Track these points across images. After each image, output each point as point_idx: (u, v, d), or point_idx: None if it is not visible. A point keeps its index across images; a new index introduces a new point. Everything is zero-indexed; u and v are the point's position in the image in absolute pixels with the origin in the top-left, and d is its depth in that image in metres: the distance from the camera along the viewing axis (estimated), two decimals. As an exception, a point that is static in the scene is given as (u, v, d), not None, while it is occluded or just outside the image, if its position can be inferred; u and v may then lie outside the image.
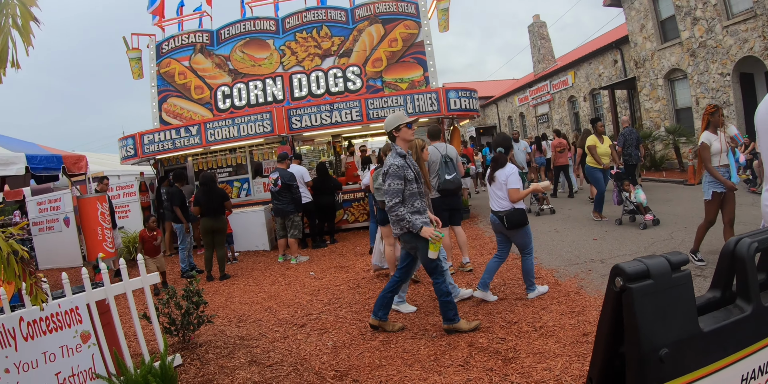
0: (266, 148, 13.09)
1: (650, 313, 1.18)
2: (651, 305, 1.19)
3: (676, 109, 17.99)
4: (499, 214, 5.70)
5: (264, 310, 6.69)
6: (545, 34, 30.62)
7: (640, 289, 1.18)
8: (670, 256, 1.25)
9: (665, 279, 1.21)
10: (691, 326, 1.24)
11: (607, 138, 10.45)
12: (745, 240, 1.34)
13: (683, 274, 1.24)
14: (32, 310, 3.90)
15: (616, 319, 1.24)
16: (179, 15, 15.44)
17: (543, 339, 4.55)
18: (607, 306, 1.27)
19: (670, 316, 1.21)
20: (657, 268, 1.21)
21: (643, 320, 1.17)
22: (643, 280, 1.19)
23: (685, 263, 1.25)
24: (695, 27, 15.80)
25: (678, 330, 1.22)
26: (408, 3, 14.24)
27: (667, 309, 1.21)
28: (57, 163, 8.63)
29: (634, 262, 1.22)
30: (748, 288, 1.34)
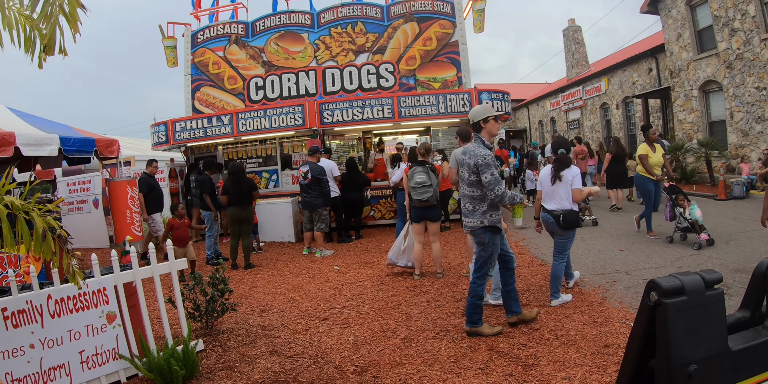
0: (296, 141, 13.15)
1: (682, 329, 1.19)
2: (683, 321, 1.20)
3: (709, 122, 17.67)
4: (555, 213, 5.73)
5: (287, 301, 6.74)
6: (580, 38, 30.34)
7: (674, 305, 1.19)
8: (705, 274, 1.27)
9: (699, 296, 1.23)
10: (720, 344, 1.25)
11: (660, 147, 9.85)
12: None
13: (716, 293, 1.26)
14: (61, 289, 3.98)
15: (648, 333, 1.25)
16: (215, 5, 15.56)
17: (564, 347, 4.53)
18: (640, 319, 1.28)
19: (701, 333, 1.22)
20: (692, 285, 1.23)
21: (675, 335, 1.18)
22: (678, 296, 1.21)
23: (719, 282, 1.26)
24: (732, 38, 15.52)
25: (708, 347, 1.23)
26: (444, 2, 14.21)
27: (698, 326, 1.22)
28: (90, 146, 8.76)
29: (669, 278, 1.24)
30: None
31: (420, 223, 7.36)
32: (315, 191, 9.80)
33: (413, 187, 7.09)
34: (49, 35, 2.87)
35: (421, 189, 7.02)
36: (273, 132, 12.40)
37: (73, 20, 2.93)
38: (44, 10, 2.84)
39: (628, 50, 26.14)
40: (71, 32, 2.99)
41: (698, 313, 1.22)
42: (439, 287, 6.82)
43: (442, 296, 6.41)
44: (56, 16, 2.86)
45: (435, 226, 7.41)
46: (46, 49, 2.90)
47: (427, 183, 7.01)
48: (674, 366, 1.17)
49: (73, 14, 2.91)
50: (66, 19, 2.91)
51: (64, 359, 3.93)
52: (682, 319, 1.19)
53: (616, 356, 4.21)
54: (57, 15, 2.86)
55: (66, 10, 2.88)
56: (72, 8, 2.90)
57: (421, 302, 6.20)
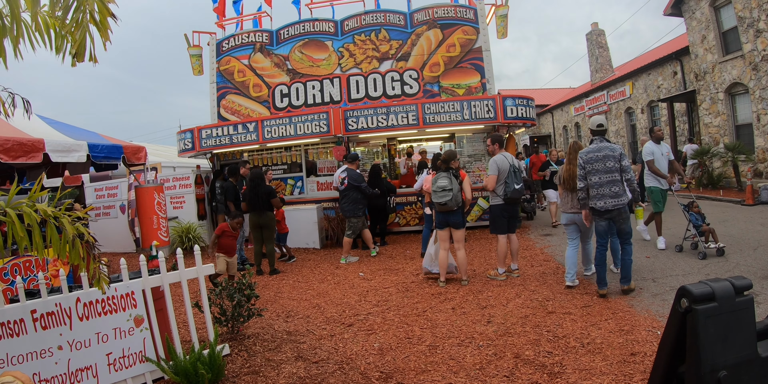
0: (321, 148, 13.23)
1: (712, 335, 1.20)
2: (714, 327, 1.20)
3: (736, 125, 17.37)
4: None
5: (312, 307, 6.77)
6: (603, 42, 30.14)
7: (704, 311, 1.19)
8: (735, 281, 1.27)
9: (729, 302, 1.23)
10: (750, 350, 1.25)
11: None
12: None
13: (746, 299, 1.26)
14: (89, 292, 4.05)
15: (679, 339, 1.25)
16: (239, 14, 15.74)
17: (590, 356, 4.49)
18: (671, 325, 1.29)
19: (731, 339, 1.23)
20: (722, 291, 1.23)
21: (705, 341, 1.19)
22: (708, 302, 1.21)
23: (749, 288, 1.27)
24: (758, 40, 15.26)
25: (738, 353, 1.23)
26: (467, 8, 14.21)
27: (728, 332, 1.22)
28: (118, 153, 8.88)
29: (700, 285, 1.24)
30: None
31: (444, 230, 7.41)
32: (350, 198, 9.93)
33: (435, 191, 7.24)
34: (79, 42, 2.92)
35: (441, 192, 7.13)
36: (298, 139, 12.48)
37: (104, 28, 2.98)
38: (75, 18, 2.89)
39: (653, 53, 25.90)
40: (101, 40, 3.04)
41: (728, 319, 1.22)
42: (464, 294, 6.80)
43: (467, 303, 6.39)
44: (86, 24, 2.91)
45: (459, 234, 7.43)
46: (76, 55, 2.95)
47: (447, 187, 7.12)
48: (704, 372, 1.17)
49: (103, 22, 2.96)
50: (96, 28, 2.96)
51: (91, 361, 3.99)
52: (713, 325, 1.19)
53: (643, 365, 4.17)
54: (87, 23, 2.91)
55: (96, 19, 2.93)
56: (102, 17, 2.95)
57: (446, 309, 6.19)
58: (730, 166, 16.31)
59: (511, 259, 7.77)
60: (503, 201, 7.33)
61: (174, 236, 11.80)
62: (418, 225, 12.31)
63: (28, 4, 2.84)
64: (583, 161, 6.36)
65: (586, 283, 6.89)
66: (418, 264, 8.76)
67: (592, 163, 6.31)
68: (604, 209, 6.25)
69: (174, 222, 12.40)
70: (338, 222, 11.85)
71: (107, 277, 3.65)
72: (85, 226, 3.46)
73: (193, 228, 12.32)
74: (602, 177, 6.24)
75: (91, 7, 2.90)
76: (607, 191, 6.19)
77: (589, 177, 6.31)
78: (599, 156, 6.28)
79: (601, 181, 6.25)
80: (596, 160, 6.28)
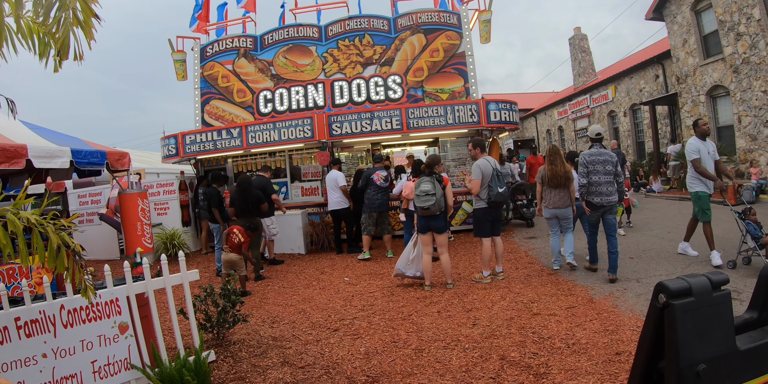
0: (305, 153, 13.23)
1: (690, 330, 1.22)
2: (691, 322, 1.22)
3: (717, 127, 17.65)
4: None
5: (298, 312, 6.76)
6: (586, 47, 30.39)
7: (681, 306, 1.22)
8: (712, 276, 1.30)
9: (706, 297, 1.25)
10: (728, 344, 1.28)
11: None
12: None
13: (723, 294, 1.29)
14: (73, 299, 4.02)
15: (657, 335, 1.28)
16: (224, 19, 15.73)
17: (575, 356, 4.52)
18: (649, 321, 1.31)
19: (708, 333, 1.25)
20: (699, 286, 1.25)
21: (683, 336, 1.21)
22: (686, 297, 1.23)
23: (726, 283, 1.30)
24: (738, 43, 15.53)
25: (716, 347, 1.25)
26: (450, 13, 14.29)
27: (706, 326, 1.24)
28: (101, 159, 8.83)
29: (677, 280, 1.26)
30: None
31: (427, 234, 7.43)
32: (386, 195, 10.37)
33: (417, 195, 7.25)
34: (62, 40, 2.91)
35: (425, 197, 7.15)
36: (282, 144, 12.46)
37: (88, 27, 2.98)
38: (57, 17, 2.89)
39: (635, 57, 26.19)
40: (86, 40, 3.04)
41: (706, 313, 1.24)
42: (450, 297, 6.82)
43: (452, 306, 6.41)
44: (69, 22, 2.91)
45: (442, 238, 7.47)
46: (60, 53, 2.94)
47: (431, 191, 7.15)
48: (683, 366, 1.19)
49: (87, 22, 2.96)
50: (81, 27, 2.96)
51: (76, 369, 3.96)
52: (690, 319, 1.21)
53: (628, 364, 4.21)
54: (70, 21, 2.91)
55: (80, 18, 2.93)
56: (86, 16, 2.95)
57: (431, 312, 6.20)
58: (713, 167, 16.51)
59: (496, 262, 7.82)
60: (487, 205, 7.44)
61: (158, 243, 11.75)
62: (401, 230, 12.34)
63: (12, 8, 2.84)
64: (587, 162, 7.32)
65: (570, 285, 6.96)
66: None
67: (594, 165, 7.27)
68: (600, 204, 7.25)
69: (158, 228, 12.35)
70: (323, 227, 11.84)
71: (93, 287, 3.63)
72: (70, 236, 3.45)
73: (178, 234, 12.27)
74: (601, 177, 7.24)
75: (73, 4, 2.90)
76: (604, 189, 7.23)
77: (591, 177, 7.28)
78: (600, 159, 7.27)
79: (600, 180, 7.24)
80: (597, 162, 7.26)
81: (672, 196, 16.45)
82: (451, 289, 7.22)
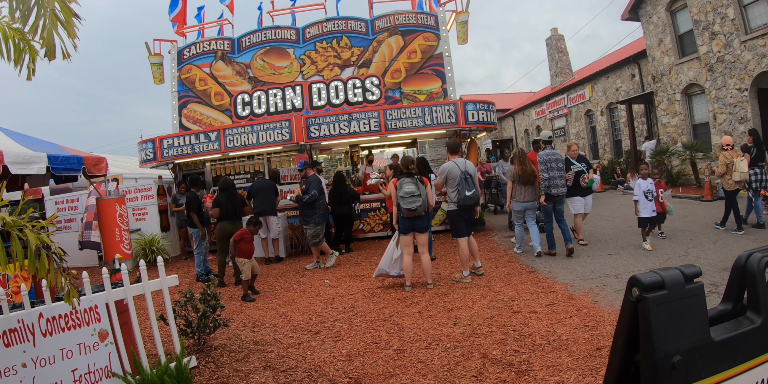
0: (284, 156, 13.23)
1: (664, 322, 1.23)
2: (665, 314, 1.23)
3: (693, 125, 17.91)
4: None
5: (279, 316, 6.74)
6: (563, 47, 30.64)
7: (655, 299, 1.23)
8: (684, 269, 1.30)
9: (679, 290, 1.26)
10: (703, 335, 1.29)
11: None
12: (755, 255, 1.40)
13: (696, 286, 1.30)
14: (52, 307, 3.97)
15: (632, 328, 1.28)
16: (201, 21, 15.66)
17: (556, 352, 4.56)
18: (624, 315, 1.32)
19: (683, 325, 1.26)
20: (671, 279, 1.26)
21: (657, 328, 1.22)
22: (659, 290, 1.24)
23: (699, 275, 1.31)
24: (713, 42, 15.77)
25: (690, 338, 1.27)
26: (427, 15, 14.35)
27: (680, 318, 1.26)
28: (78, 164, 8.76)
29: (650, 274, 1.28)
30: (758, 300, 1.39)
31: (408, 235, 7.46)
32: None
33: (402, 197, 7.24)
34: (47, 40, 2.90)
35: (411, 199, 7.18)
36: (260, 147, 12.44)
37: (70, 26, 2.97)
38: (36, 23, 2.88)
39: (611, 57, 26.45)
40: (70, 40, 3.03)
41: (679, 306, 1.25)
42: (430, 298, 6.84)
43: (433, 306, 6.43)
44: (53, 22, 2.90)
45: (423, 237, 7.53)
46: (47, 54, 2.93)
47: (416, 193, 7.19)
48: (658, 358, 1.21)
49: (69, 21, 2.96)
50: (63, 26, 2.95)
51: (56, 378, 3.91)
52: (664, 312, 1.23)
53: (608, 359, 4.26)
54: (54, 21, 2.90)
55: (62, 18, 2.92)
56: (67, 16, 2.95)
57: (412, 313, 6.22)
58: (689, 164, 16.82)
59: (474, 259, 7.93)
60: (457, 207, 7.64)
61: (137, 249, 11.65)
62: (383, 231, 12.37)
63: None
64: (545, 160, 8.75)
65: (550, 282, 7.02)
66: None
67: (550, 163, 8.74)
68: (556, 194, 8.78)
69: (137, 234, 12.24)
70: (302, 230, 11.82)
71: (77, 291, 3.60)
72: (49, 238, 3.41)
73: (157, 240, 12.17)
74: (555, 173, 8.75)
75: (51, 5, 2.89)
76: (558, 183, 8.75)
77: (549, 172, 8.70)
78: (553, 158, 8.81)
79: (554, 175, 8.74)
80: (552, 160, 8.77)
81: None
82: (432, 289, 7.24)
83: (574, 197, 9.44)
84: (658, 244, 8.73)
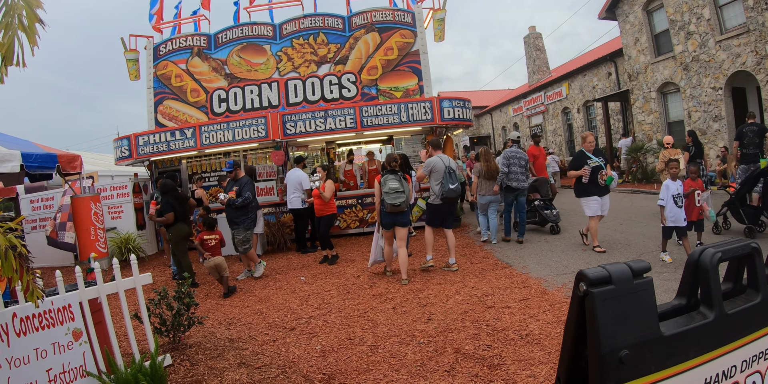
0: (260, 153, 13.19)
1: (611, 317, 1.24)
2: (612, 309, 1.24)
3: (668, 122, 18.22)
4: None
5: (254, 313, 6.75)
6: (540, 45, 30.87)
7: (601, 294, 1.23)
8: (633, 264, 1.31)
9: (626, 285, 1.27)
10: (651, 330, 1.30)
11: None
12: (708, 250, 1.42)
13: (645, 281, 1.31)
14: (25, 307, 3.94)
15: (581, 323, 1.29)
16: (178, 17, 15.52)
17: (529, 347, 4.63)
18: (572, 310, 1.33)
19: (630, 319, 1.27)
20: (619, 274, 1.27)
21: (604, 323, 1.22)
22: (605, 285, 1.25)
23: (647, 270, 1.31)
24: (689, 41, 16.04)
25: (638, 333, 1.28)
26: (404, 12, 14.37)
27: (627, 313, 1.26)
28: (52, 162, 8.63)
29: (597, 269, 1.28)
30: (711, 296, 1.40)
31: (390, 230, 7.76)
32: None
33: (387, 193, 7.52)
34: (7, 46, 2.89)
35: (395, 194, 7.47)
36: (236, 144, 12.39)
37: (32, 33, 2.95)
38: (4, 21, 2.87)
39: (588, 55, 26.69)
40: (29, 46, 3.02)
41: (627, 301, 1.26)
42: (405, 293, 6.89)
43: (407, 302, 6.48)
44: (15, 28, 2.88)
45: (403, 231, 7.75)
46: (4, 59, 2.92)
47: (399, 189, 7.49)
48: (605, 352, 1.21)
49: (31, 28, 2.94)
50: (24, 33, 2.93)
51: (31, 378, 3.88)
52: (610, 307, 1.23)
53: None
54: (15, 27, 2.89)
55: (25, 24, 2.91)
56: (30, 22, 2.93)
57: (387, 309, 6.27)
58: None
59: (449, 254, 8.12)
60: (441, 201, 7.86)
61: (113, 247, 11.53)
62: (359, 227, 12.41)
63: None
64: (508, 157, 9.75)
65: (524, 278, 7.10)
66: (359, 266, 8.85)
67: (513, 159, 9.73)
68: (516, 188, 9.72)
69: (112, 233, 12.13)
70: (279, 227, 11.82)
71: (42, 291, 3.59)
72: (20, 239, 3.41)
73: (133, 238, 12.08)
74: (518, 169, 9.71)
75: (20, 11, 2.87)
76: (520, 177, 9.73)
77: (510, 167, 9.67)
78: (517, 156, 9.79)
79: (517, 171, 9.71)
80: (516, 157, 9.76)
81: (624, 189, 16.87)
82: (407, 285, 7.30)
83: (590, 197, 8.38)
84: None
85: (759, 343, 1.53)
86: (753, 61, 13.77)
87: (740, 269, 1.59)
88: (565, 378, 1.38)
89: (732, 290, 1.58)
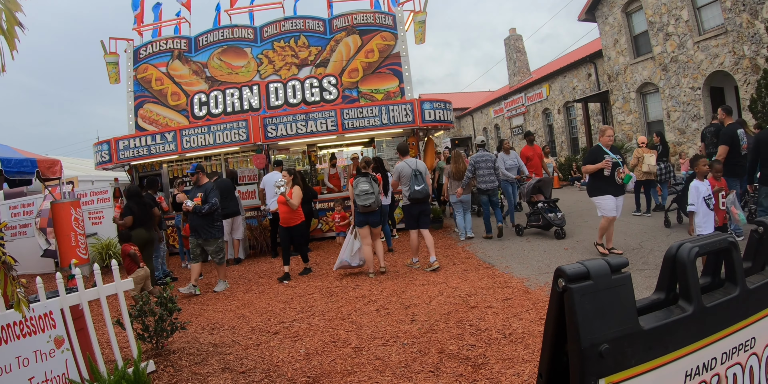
0: (241, 157, 13.15)
1: (590, 312, 1.24)
2: (591, 304, 1.25)
3: (647, 122, 18.45)
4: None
5: (237, 317, 6.72)
6: (521, 47, 31.05)
7: (579, 289, 1.24)
8: (611, 260, 1.31)
9: (605, 280, 1.28)
10: (631, 324, 1.31)
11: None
12: (686, 245, 1.43)
13: (623, 276, 1.31)
14: (6, 314, 3.89)
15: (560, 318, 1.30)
16: (158, 19, 15.43)
17: (512, 346, 4.65)
18: (552, 306, 1.34)
19: (609, 314, 1.27)
20: (597, 269, 1.28)
21: (583, 318, 1.23)
22: (584, 280, 1.26)
23: (625, 266, 1.32)
24: (667, 42, 16.26)
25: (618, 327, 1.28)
26: (385, 15, 14.41)
27: (606, 308, 1.27)
28: (31, 167, 8.55)
29: (575, 265, 1.29)
30: (689, 289, 1.41)
31: (364, 227, 8.18)
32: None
33: (358, 195, 7.99)
34: None
35: (365, 196, 7.94)
36: (217, 148, 12.36)
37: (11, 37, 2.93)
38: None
39: (568, 57, 26.92)
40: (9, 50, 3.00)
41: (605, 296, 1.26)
42: (388, 295, 6.91)
43: (390, 304, 6.49)
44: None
45: (377, 230, 8.34)
46: None
47: (369, 191, 7.96)
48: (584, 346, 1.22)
49: (11, 31, 2.92)
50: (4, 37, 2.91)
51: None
52: (589, 302, 1.24)
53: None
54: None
55: (4, 28, 2.89)
56: (10, 26, 2.91)
57: (370, 311, 6.28)
58: (644, 160, 17.25)
59: (429, 253, 8.29)
60: (409, 201, 8.40)
61: (94, 253, 11.43)
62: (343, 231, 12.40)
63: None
64: (474, 162, 10.19)
65: (507, 277, 7.14)
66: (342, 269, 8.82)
67: (480, 163, 10.18)
68: (485, 189, 10.18)
69: (93, 238, 12.03)
70: (260, 231, 11.78)
71: (27, 300, 3.56)
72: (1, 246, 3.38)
73: (114, 244, 11.96)
74: (485, 171, 10.16)
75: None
76: (488, 179, 10.16)
77: (477, 171, 10.15)
78: (484, 159, 10.24)
79: (485, 173, 10.16)
80: (482, 161, 10.20)
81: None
82: (390, 287, 7.30)
83: (605, 196, 7.76)
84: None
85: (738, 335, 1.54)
86: (731, 62, 13.99)
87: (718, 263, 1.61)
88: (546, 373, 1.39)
89: (710, 284, 1.60)
